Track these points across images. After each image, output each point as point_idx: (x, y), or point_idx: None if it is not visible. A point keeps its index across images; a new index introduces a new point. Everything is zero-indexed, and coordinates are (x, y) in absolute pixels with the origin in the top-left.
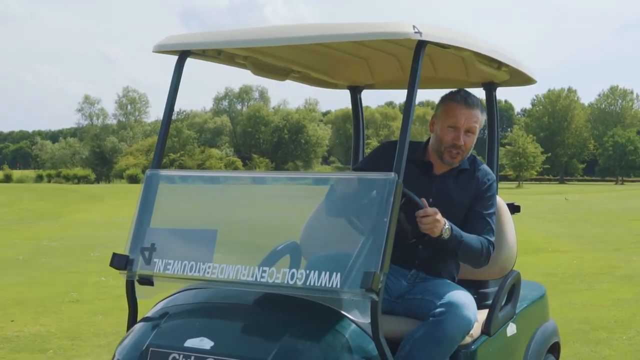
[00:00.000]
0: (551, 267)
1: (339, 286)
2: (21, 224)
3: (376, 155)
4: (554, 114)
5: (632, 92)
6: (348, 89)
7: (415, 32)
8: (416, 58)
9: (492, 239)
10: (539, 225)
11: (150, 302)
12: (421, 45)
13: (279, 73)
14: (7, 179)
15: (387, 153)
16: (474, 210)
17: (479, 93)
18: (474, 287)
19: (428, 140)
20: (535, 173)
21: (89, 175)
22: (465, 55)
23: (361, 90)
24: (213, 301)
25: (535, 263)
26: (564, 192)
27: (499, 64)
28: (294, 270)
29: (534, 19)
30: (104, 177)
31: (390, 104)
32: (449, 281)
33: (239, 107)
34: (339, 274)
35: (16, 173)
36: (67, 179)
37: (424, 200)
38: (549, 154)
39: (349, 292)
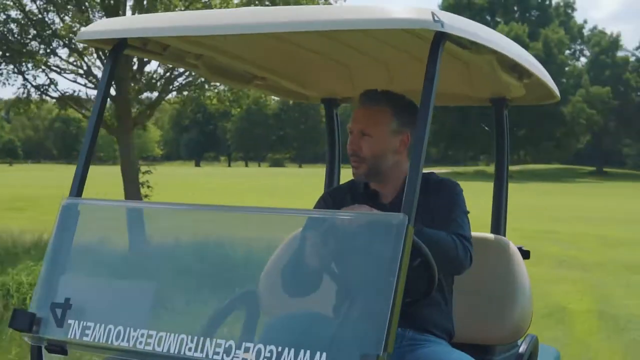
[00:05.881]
0: None
1: None
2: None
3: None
4: None
5: None
6: (322, 102)
7: (436, 21)
8: (433, 55)
9: (464, 233)
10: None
11: None
12: (440, 38)
13: (239, 79)
14: None
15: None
16: (439, 222)
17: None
18: (477, 353)
19: None
20: None
21: None
22: (485, 60)
23: (338, 105)
24: None
25: None
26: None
27: (519, 74)
28: (253, 344)
29: None
30: None
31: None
32: (445, 343)
33: None
34: (324, 354)
35: None
36: None
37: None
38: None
39: None
